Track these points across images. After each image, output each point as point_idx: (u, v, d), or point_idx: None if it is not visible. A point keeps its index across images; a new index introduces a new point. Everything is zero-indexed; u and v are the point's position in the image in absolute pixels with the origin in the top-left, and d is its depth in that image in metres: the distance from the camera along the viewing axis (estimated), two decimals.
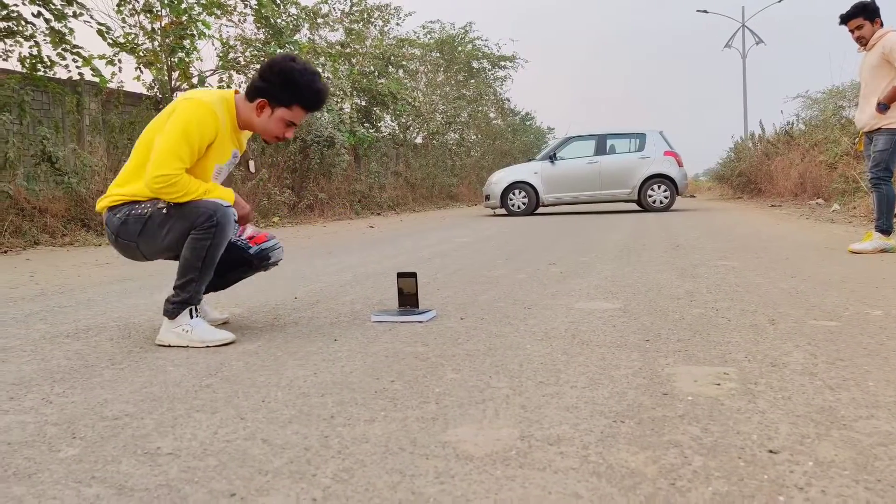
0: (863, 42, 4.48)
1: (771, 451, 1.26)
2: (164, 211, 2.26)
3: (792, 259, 4.34)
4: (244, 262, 2.50)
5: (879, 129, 4.45)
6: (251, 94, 2.35)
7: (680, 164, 12.21)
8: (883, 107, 4.34)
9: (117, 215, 2.31)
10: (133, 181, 2.31)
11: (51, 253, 6.43)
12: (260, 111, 2.35)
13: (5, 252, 6.46)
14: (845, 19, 4.52)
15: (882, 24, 4.46)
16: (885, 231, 4.48)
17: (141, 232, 2.28)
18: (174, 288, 2.26)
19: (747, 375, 1.76)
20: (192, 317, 2.28)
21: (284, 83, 2.30)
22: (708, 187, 33.92)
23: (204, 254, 2.23)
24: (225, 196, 2.28)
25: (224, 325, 2.63)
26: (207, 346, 2.24)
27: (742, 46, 26.97)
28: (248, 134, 2.56)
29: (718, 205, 15.19)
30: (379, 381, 1.81)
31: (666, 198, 12.09)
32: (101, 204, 2.38)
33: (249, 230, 2.55)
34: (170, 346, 2.28)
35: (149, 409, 1.62)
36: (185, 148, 2.18)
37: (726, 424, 1.40)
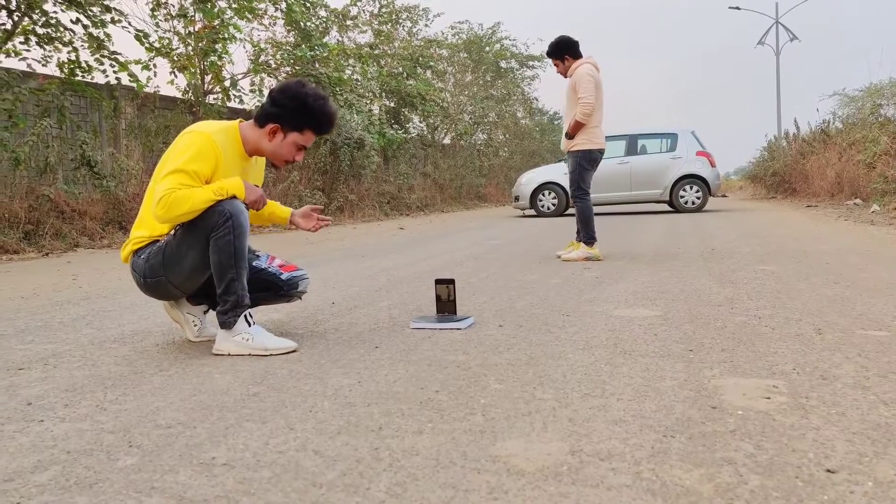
0: (562, 75, 4.98)
1: (829, 471, 1.24)
2: (174, 233, 2.30)
3: (833, 264, 4.26)
4: (273, 287, 2.51)
5: (570, 152, 4.94)
6: (262, 119, 2.37)
7: (712, 164, 12.06)
8: (568, 135, 4.87)
9: (142, 256, 2.35)
10: (151, 219, 2.34)
11: (90, 255, 6.57)
12: (272, 136, 2.36)
13: (46, 255, 6.62)
14: (548, 55, 5.02)
15: (579, 57, 4.89)
16: (587, 242, 4.92)
17: (163, 262, 2.29)
18: (219, 297, 2.26)
19: (797, 389, 1.73)
20: (249, 324, 2.28)
21: (297, 108, 2.33)
22: (739, 186, 33.41)
23: (232, 249, 2.21)
24: (231, 186, 2.23)
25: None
26: (271, 355, 2.25)
27: (776, 43, 26.51)
28: (261, 163, 2.58)
29: (752, 205, 14.96)
30: (423, 391, 1.82)
31: (698, 198, 11.95)
32: (126, 252, 2.40)
33: (279, 260, 2.59)
34: (228, 354, 2.28)
35: (200, 417, 1.64)
36: (181, 175, 2.18)
37: (780, 441, 1.39)
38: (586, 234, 4.90)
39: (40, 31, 8.16)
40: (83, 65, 8.56)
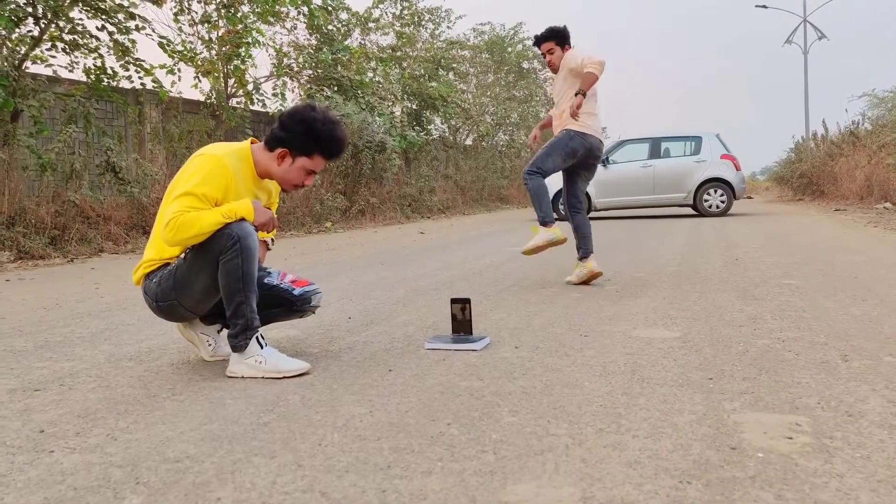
0: (553, 68, 4.27)
1: None
2: (184, 257, 2.30)
3: (861, 278, 4.15)
4: (286, 303, 2.50)
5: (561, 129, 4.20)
6: (271, 143, 2.35)
7: (737, 168, 11.87)
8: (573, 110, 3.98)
9: (154, 280, 2.35)
10: (162, 241, 2.33)
11: (114, 261, 6.65)
12: (280, 160, 2.35)
13: (71, 260, 6.71)
14: (539, 41, 4.28)
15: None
16: (545, 223, 4.09)
17: (174, 286, 2.29)
18: (229, 320, 2.26)
19: (821, 427, 1.67)
20: (262, 346, 2.27)
21: (306, 133, 2.31)
22: (766, 187, 32.92)
23: (240, 272, 2.20)
24: (240, 209, 2.21)
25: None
26: (284, 377, 2.24)
27: (803, 42, 26.03)
28: (276, 185, 2.56)
29: (778, 208, 14.70)
30: (435, 423, 1.79)
31: (722, 202, 11.78)
32: (137, 275, 2.41)
33: (291, 275, 2.58)
34: (242, 377, 2.27)
35: (209, 450, 1.63)
36: (190, 199, 2.17)
37: (802, 490, 1.33)
38: (545, 213, 4.10)
39: (67, 37, 8.28)
40: (109, 71, 8.68)
